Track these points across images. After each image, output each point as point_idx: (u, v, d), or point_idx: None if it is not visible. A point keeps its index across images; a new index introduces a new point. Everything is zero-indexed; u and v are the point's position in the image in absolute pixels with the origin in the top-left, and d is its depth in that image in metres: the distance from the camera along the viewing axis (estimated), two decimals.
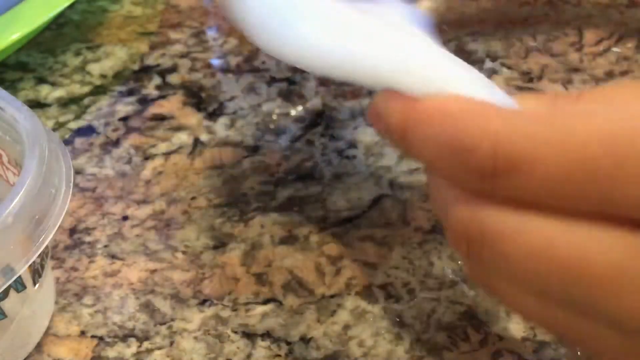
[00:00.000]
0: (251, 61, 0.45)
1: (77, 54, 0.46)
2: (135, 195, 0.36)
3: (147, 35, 0.47)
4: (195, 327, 0.30)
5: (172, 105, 0.42)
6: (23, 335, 0.29)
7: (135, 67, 0.45)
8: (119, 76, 0.44)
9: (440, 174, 0.23)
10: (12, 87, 0.43)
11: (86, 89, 0.43)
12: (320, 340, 0.30)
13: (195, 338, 0.30)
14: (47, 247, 0.27)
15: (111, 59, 0.45)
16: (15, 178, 0.29)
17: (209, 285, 0.32)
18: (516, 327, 0.30)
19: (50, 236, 0.25)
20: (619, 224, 0.19)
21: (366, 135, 0.39)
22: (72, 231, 0.34)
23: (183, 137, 0.39)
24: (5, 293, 0.27)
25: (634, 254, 0.19)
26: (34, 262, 0.26)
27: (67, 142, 0.39)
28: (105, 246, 0.34)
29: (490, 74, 0.42)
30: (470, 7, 0.49)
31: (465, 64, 0.24)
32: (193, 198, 0.36)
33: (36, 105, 0.42)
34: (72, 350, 0.30)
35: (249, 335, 0.30)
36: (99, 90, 0.43)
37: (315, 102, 0.41)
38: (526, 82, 0.42)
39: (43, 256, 0.28)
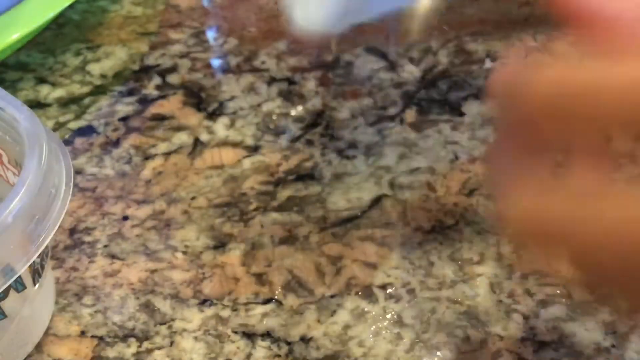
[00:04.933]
0: (251, 61, 0.45)
1: (77, 54, 0.46)
2: (135, 195, 0.36)
3: (147, 35, 0.47)
4: (195, 327, 0.30)
5: (172, 105, 0.42)
6: (23, 335, 0.29)
7: (135, 67, 0.45)
8: (119, 76, 0.44)
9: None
10: (12, 87, 0.43)
11: (86, 89, 0.43)
12: (320, 340, 0.30)
13: (195, 338, 0.30)
14: (47, 247, 0.27)
15: (111, 59, 0.45)
16: (15, 178, 0.29)
17: (209, 285, 0.32)
18: (516, 327, 0.30)
19: (50, 236, 0.25)
20: None
21: (366, 135, 0.39)
22: (72, 231, 0.34)
23: (183, 137, 0.39)
24: (5, 293, 0.27)
25: None
26: (34, 262, 0.26)
27: (67, 142, 0.39)
28: (105, 246, 0.34)
29: (491, 73, 0.42)
30: (470, 7, 0.49)
31: None
32: (193, 198, 0.36)
33: (36, 105, 0.42)
34: (72, 350, 0.30)
35: (249, 335, 0.30)
36: (99, 90, 0.43)
37: (315, 102, 0.41)
38: None
39: (43, 256, 0.28)
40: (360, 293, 0.31)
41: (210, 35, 0.47)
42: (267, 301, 0.31)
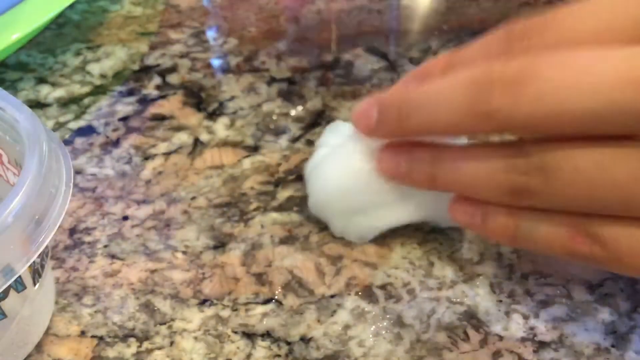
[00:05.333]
0: (251, 61, 0.45)
1: (77, 54, 0.46)
2: (135, 195, 0.36)
3: (147, 35, 0.47)
4: (195, 327, 0.30)
5: (172, 105, 0.42)
6: (23, 335, 0.29)
7: (135, 67, 0.45)
8: (119, 76, 0.44)
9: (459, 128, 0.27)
10: (12, 87, 0.43)
11: (86, 89, 0.43)
12: (320, 340, 0.30)
13: (195, 338, 0.30)
14: (47, 247, 0.27)
15: (111, 59, 0.45)
16: (15, 178, 0.29)
17: (209, 285, 0.32)
18: (516, 327, 0.30)
19: (50, 236, 0.25)
20: None
21: None
22: (72, 231, 0.34)
23: (183, 137, 0.39)
24: (5, 293, 0.27)
25: None
26: (34, 262, 0.26)
27: (67, 142, 0.39)
28: (105, 246, 0.34)
29: None
30: (470, 7, 0.49)
31: None
32: (193, 198, 0.36)
33: (36, 105, 0.42)
34: (72, 350, 0.30)
35: (249, 335, 0.30)
36: (99, 90, 0.43)
37: (315, 102, 0.41)
38: None
39: (43, 256, 0.28)
40: (360, 293, 0.31)
41: (210, 35, 0.47)
42: (267, 301, 0.31)
